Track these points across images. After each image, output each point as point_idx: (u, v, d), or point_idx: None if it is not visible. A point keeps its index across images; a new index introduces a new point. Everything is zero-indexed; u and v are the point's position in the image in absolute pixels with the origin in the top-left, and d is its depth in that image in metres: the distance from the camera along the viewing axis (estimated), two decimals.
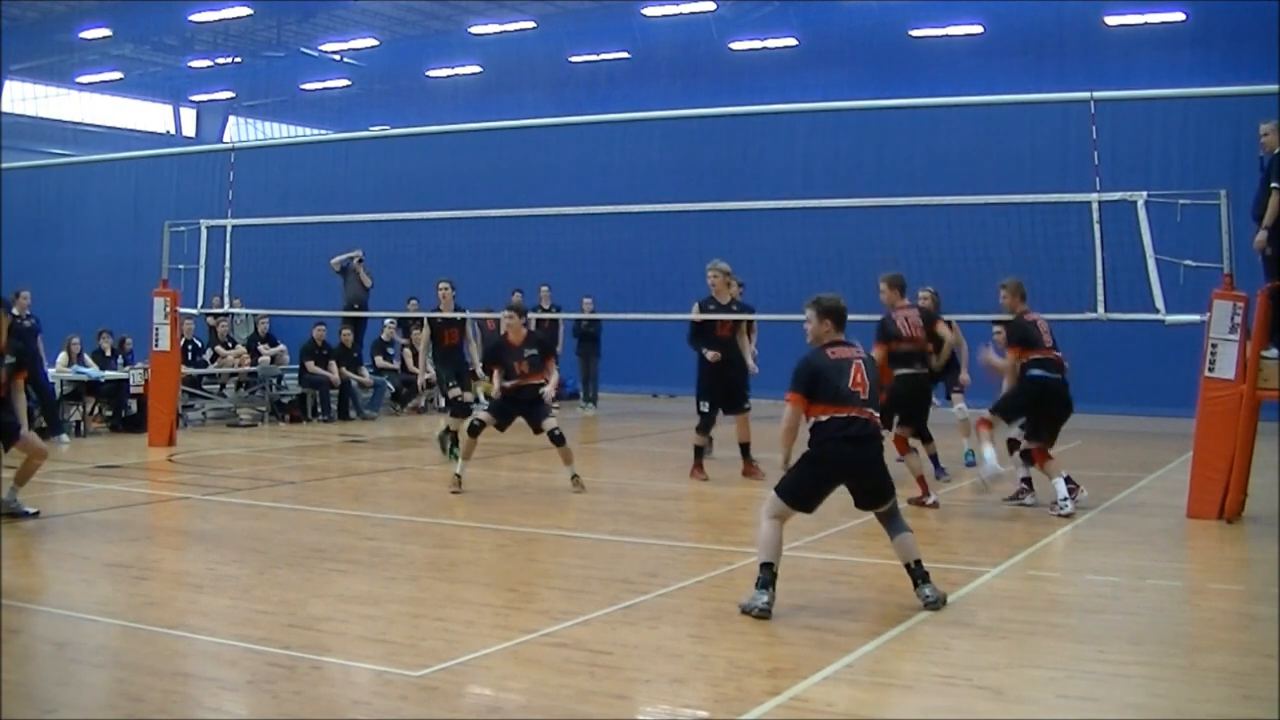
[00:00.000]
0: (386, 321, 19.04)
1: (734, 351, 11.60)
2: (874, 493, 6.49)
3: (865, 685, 5.23)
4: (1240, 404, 9.09)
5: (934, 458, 11.11)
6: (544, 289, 18.82)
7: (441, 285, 13.21)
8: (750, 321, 13.16)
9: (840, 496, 6.66)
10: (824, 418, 6.37)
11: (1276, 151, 9.06)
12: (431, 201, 17.34)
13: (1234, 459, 9.09)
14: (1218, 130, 16.28)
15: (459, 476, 10.54)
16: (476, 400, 19.64)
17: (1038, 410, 9.67)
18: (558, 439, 10.53)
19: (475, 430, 10.63)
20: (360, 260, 18.64)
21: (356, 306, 18.27)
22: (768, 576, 6.26)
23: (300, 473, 12.25)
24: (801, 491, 6.42)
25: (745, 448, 11.62)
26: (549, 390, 10.69)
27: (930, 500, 9.73)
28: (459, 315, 13.25)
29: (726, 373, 11.52)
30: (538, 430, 10.63)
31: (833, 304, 6.65)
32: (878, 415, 6.51)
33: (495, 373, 10.83)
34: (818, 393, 6.39)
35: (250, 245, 16.19)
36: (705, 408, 11.55)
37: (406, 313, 18.10)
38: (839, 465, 6.39)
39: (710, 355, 11.43)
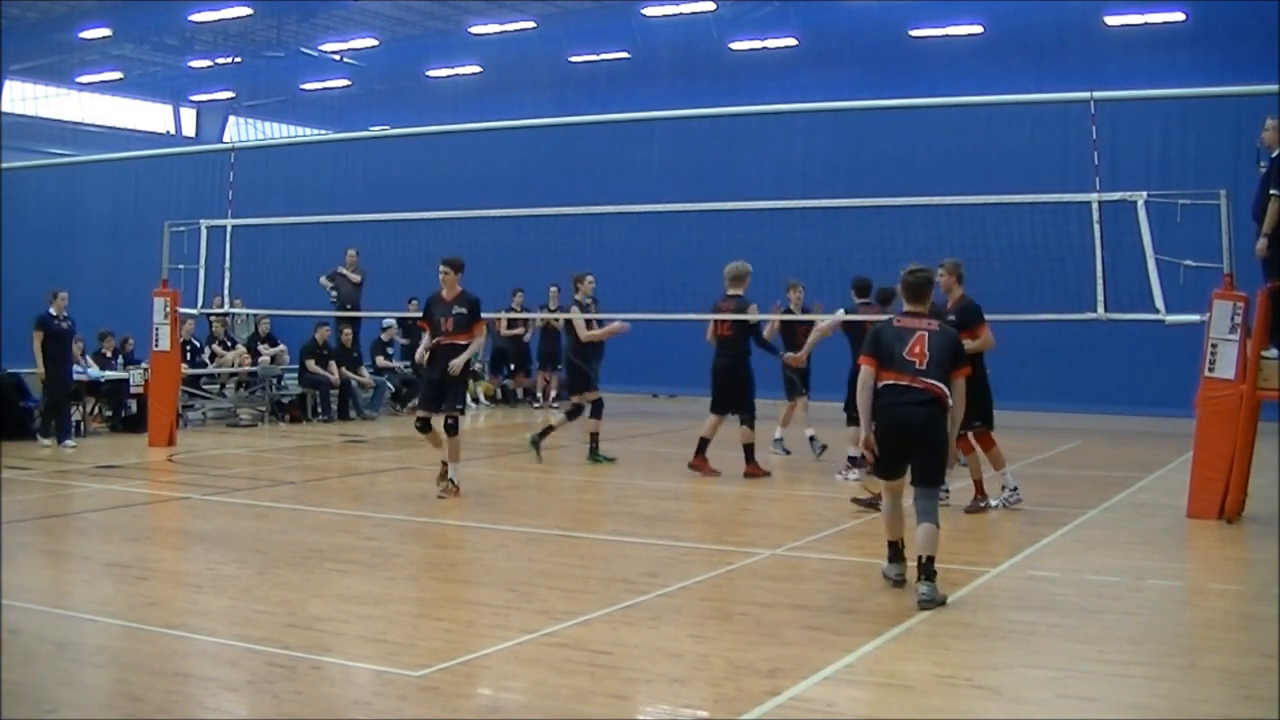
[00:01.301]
0: (385, 322, 19.03)
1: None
2: (925, 466, 6.62)
3: (865, 685, 5.22)
4: (1240, 404, 9.08)
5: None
6: (553, 289, 18.80)
7: (589, 278, 13.01)
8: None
9: (839, 499, 6.66)
10: (881, 384, 6.68)
11: (1276, 153, 9.02)
12: (432, 201, 17.33)
13: (1234, 459, 9.09)
14: (1218, 130, 16.25)
15: (452, 481, 10.18)
16: (478, 401, 19.80)
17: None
18: (450, 428, 10.13)
19: (426, 427, 10.28)
20: (347, 269, 18.43)
21: (349, 306, 18.23)
22: (891, 553, 6.89)
23: (300, 473, 12.25)
24: (879, 459, 6.77)
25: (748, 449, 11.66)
26: (459, 360, 10.04)
27: (984, 504, 9.64)
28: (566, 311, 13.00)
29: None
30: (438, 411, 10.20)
31: (905, 277, 6.96)
32: (939, 385, 6.58)
33: (426, 331, 10.43)
34: (879, 358, 6.71)
35: (250, 245, 16.18)
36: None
37: (406, 313, 18.10)
38: (890, 427, 6.65)
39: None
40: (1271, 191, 8.92)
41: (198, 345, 17.59)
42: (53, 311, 13.94)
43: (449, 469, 10.23)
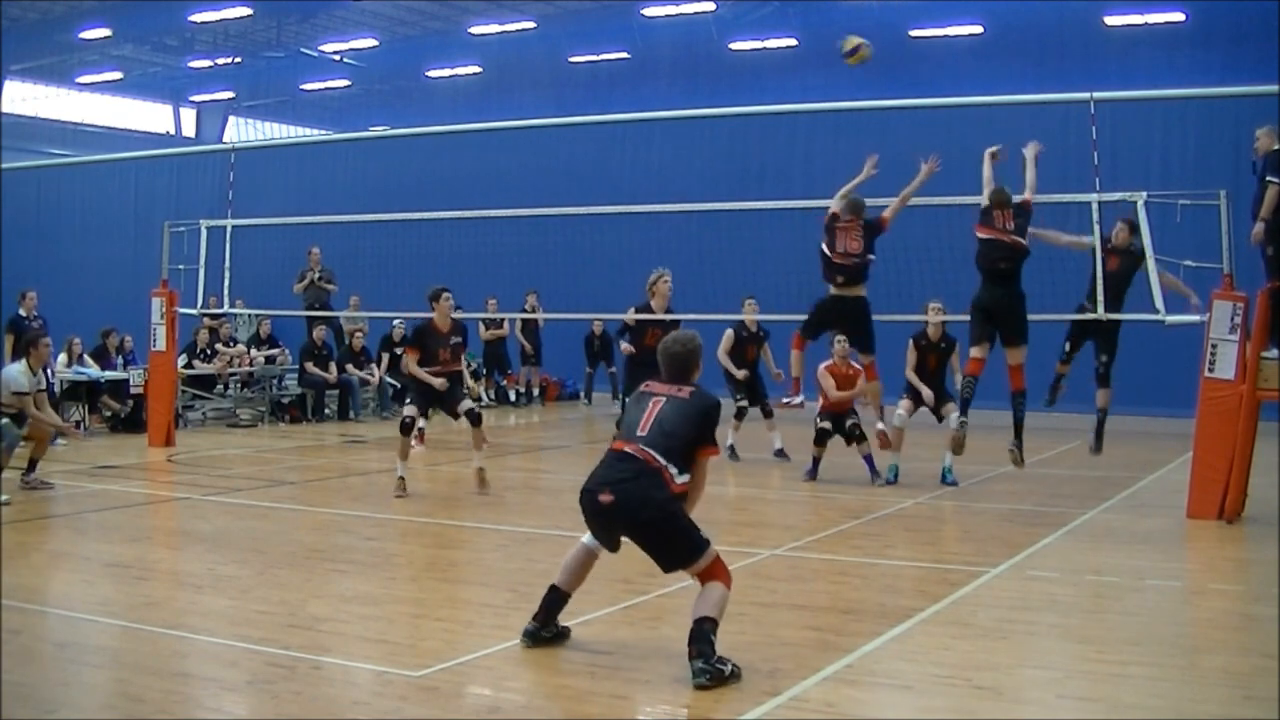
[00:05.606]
0: (395, 323, 19.02)
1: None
2: None
3: (865, 685, 5.22)
4: (1240, 404, 9.08)
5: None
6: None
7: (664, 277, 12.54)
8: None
9: (840, 501, 6.65)
10: None
11: (1275, 148, 9.06)
12: (431, 202, 17.31)
13: (1234, 459, 9.09)
14: (1218, 130, 16.26)
15: (402, 480, 10.31)
16: (479, 400, 19.79)
17: None
18: (475, 418, 10.38)
19: (408, 428, 10.41)
20: (313, 271, 18.36)
21: (317, 306, 18.17)
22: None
23: (300, 473, 12.24)
24: None
25: None
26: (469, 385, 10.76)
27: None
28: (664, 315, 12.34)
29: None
30: (455, 415, 10.53)
31: None
32: None
33: (408, 356, 10.53)
34: None
35: (251, 246, 16.15)
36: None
37: (411, 313, 18.08)
38: None
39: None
40: (1269, 179, 8.93)
41: (195, 345, 17.48)
42: (23, 312, 13.92)
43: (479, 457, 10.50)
